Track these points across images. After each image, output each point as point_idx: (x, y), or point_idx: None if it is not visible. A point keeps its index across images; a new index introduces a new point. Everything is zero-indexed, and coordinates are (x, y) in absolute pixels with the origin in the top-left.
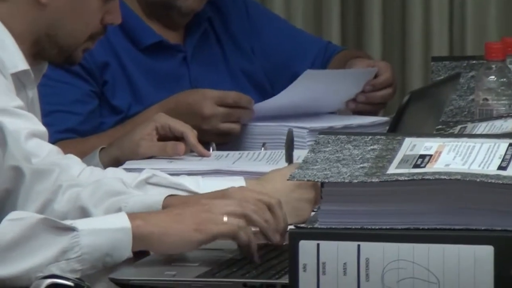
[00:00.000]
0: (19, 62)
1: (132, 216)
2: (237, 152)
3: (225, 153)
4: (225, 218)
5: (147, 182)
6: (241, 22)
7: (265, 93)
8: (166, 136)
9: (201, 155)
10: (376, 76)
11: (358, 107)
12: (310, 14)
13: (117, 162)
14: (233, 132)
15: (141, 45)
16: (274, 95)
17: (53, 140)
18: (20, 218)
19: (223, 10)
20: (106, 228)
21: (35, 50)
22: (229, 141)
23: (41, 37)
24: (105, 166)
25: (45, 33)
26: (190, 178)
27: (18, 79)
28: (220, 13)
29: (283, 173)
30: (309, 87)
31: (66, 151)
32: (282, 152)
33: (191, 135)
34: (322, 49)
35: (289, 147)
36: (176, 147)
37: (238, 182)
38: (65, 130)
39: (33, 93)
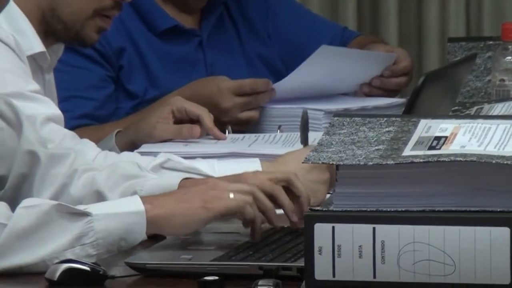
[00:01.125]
0: (35, 44)
1: (142, 199)
2: (253, 135)
3: (241, 135)
4: (232, 195)
5: (162, 166)
6: (258, 6)
7: (281, 78)
8: (183, 119)
9: (217, 138)
10: (394, 63)
11: (372, 91)
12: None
13: (132, 145)
14: (253, 119)
15: (157, 29)
16: None
17: (69, 126)
18: (34, 205)
19: None
20: (119, 212)
21: (44, 29)
22: (248, 127)
23: (46, 13)
24: (121, 149)
25: (48, 8)
26: (205, 161)
27: (35, 61)
28: None
29: (298, 155)
30: (325, 64)
31: (83, 138)
32: (298, 134)
33: (207, 118)
34: (338, 33)
35: (304, 128)
36: (192, 130)
37: (254, 164)
38: (81, 116)
39: (49, 76)
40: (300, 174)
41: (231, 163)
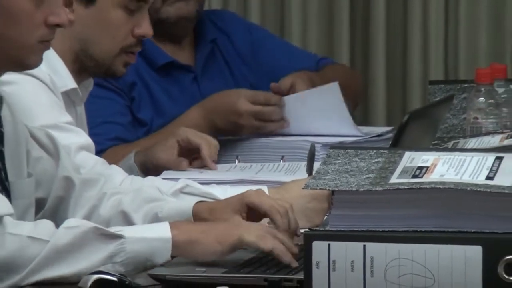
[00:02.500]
0: (68, 81)
1: (170, 225)
2: (259, 164)
3: (248, 164)
4: (240, 232)
5: (181, 191)
6: (244, 39)
7: None
8: (187, 148)
9: (209, 168)
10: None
11: None
12: (323, 40)
13: (145, 166)
14: (265, 129)
15: (155, 65)
16: None
17: (105, 147)
18: (74, 226)
19: (226, 30)
20: (148, 237)
21: (77, 67)
22: (264, 135)
23: (79, 53)
24: (138, 167)
25: (80, 49)
26: (219, 187)
27: (68, 96)
28: (224, 34)
29: (301, 184)
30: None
31: (118, 155)
32: (299, 163)
33: (205, 148)
34: (314, 62)
35: (311, 159)
36: (180, 163)
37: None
38: (112, 138)
39: (81, 109)
40: (302, 202)
41: (242, 189)
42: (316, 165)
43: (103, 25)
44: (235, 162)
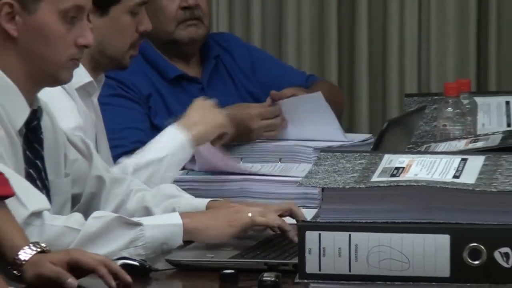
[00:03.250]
0: (84, 76)
1: (182, 215)
2: (259, 164)
3: (249, 165)
4: (250, 214)
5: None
6: (244, 56)
7: None
8: None
9: None
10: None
11: None
12: (315, 60)
13: None
14: (272, 137)
15: (168, 77)
16: None
17: (128, 149)
18: (101, 216)
19: (229, 49)
20: (163, 224)
21: (93, 65)
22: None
23: (95, 54)
24: None
25: (97, 51)
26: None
27: (84, 89)
28: (227, 52)
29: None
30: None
31: None
32: (294, 165)
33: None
34: (304, 78)
35: None
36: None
37: None
38: (134, 141)
39: (95, 100)
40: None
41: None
42: (307, 167)
43: (115, 30)
44: (240, 163)
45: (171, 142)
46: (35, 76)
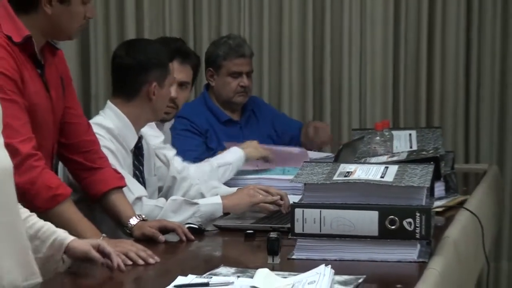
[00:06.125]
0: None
1: (222, 197)
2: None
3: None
4: (261, 196)
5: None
6: (266, 111)
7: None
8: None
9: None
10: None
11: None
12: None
13: None
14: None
15: (221, 120)
16: None
17: (192, 162)
18: (175, 199)
19: (259, 105)
20: (211, 203)
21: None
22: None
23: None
24: None
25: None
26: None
27: (160, 124)
28: (257, 106)
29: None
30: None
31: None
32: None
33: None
34: (298, 125)
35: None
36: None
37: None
38: (194, 159)
39: (168, 129)
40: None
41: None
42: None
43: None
44: (257, 167)
45: (234, 155)
46: (141, 124)
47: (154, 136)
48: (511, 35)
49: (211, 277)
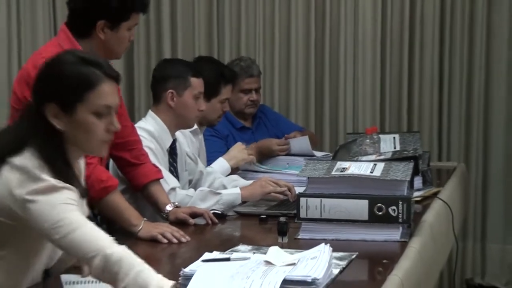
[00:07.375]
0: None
1: (240, 188)
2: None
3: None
4: (271, 187)
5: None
6: (273, 117)
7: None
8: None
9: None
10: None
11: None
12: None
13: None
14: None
15: (236, 127)
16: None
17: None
18: (202, 190)
19: (266, 112)
20: (231, 193)
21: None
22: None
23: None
24: None
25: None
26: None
27: (194, 131)
28: (265, 114)
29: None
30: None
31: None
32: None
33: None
34: (299, 128)
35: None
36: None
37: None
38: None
39: (201, 136)
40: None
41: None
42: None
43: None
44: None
45: (220, 165)
46: (173, 129)
47: (185, 145)
48: (476, 54)
49: (232, 253)
